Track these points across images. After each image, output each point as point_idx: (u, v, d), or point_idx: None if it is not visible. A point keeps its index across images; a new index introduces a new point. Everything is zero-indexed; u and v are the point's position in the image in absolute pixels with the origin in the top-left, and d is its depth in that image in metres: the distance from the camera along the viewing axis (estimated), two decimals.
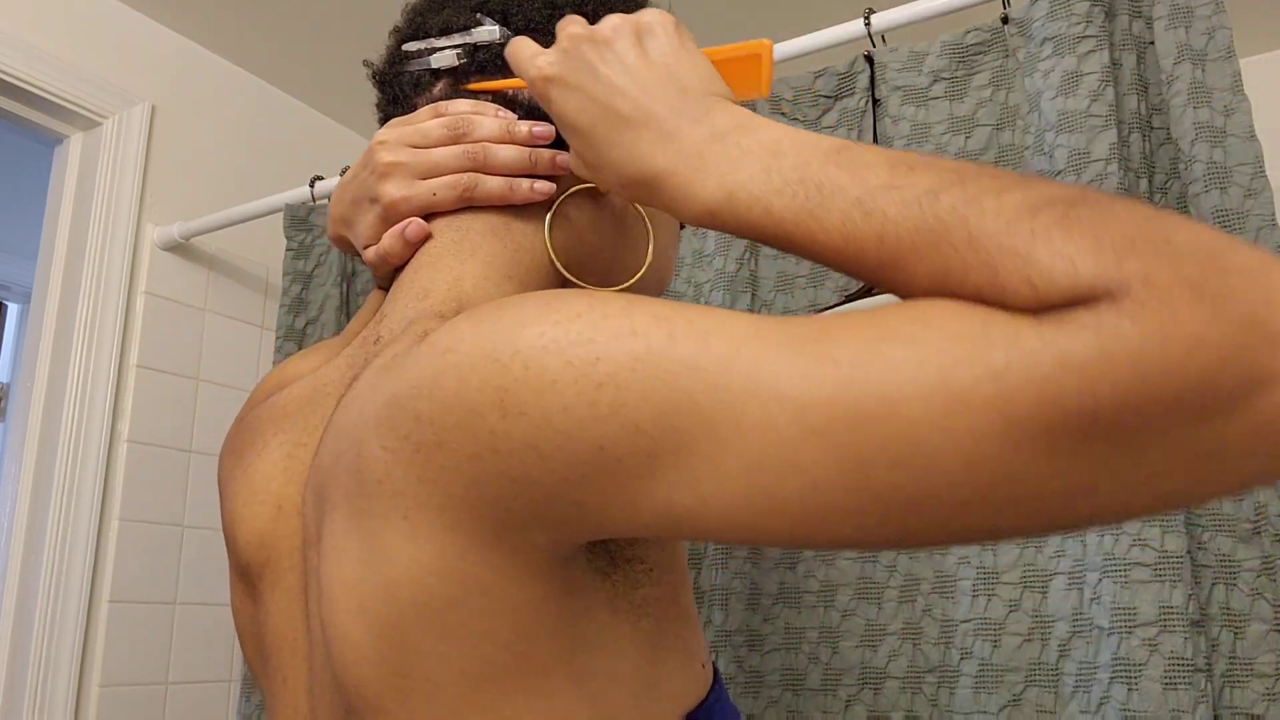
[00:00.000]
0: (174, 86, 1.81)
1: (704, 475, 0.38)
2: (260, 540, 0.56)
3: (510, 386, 0.40)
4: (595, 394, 0.39)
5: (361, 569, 0.44)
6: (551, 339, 0.40)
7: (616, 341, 0.39)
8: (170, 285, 1.74)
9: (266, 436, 0.58)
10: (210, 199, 1.82)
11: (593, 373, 0.39)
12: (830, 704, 1.08)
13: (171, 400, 1.72)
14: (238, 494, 0.58)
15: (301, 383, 0.60)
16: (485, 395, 0.40)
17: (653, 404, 0.38)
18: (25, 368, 1.64)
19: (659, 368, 0.39)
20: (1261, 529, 0.91)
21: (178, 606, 1.68)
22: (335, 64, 1.92)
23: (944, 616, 1.04)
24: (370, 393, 0.45)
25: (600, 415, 0.39)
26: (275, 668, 0.55)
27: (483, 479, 0.41)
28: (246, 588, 0.58)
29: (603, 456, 0.39)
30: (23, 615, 1.52)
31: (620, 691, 0.47)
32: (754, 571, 1.14)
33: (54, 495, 1.54)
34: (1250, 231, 0.93)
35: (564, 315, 0.41)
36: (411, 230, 0.60)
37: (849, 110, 1.21)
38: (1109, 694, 0.90)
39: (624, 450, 0.39)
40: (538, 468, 0.40)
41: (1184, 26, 1.00)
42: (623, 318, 0.40)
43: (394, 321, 0.57)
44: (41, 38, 1.62)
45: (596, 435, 0.39)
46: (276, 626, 0.55)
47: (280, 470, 0.56)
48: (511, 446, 0.40)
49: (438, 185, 0.60)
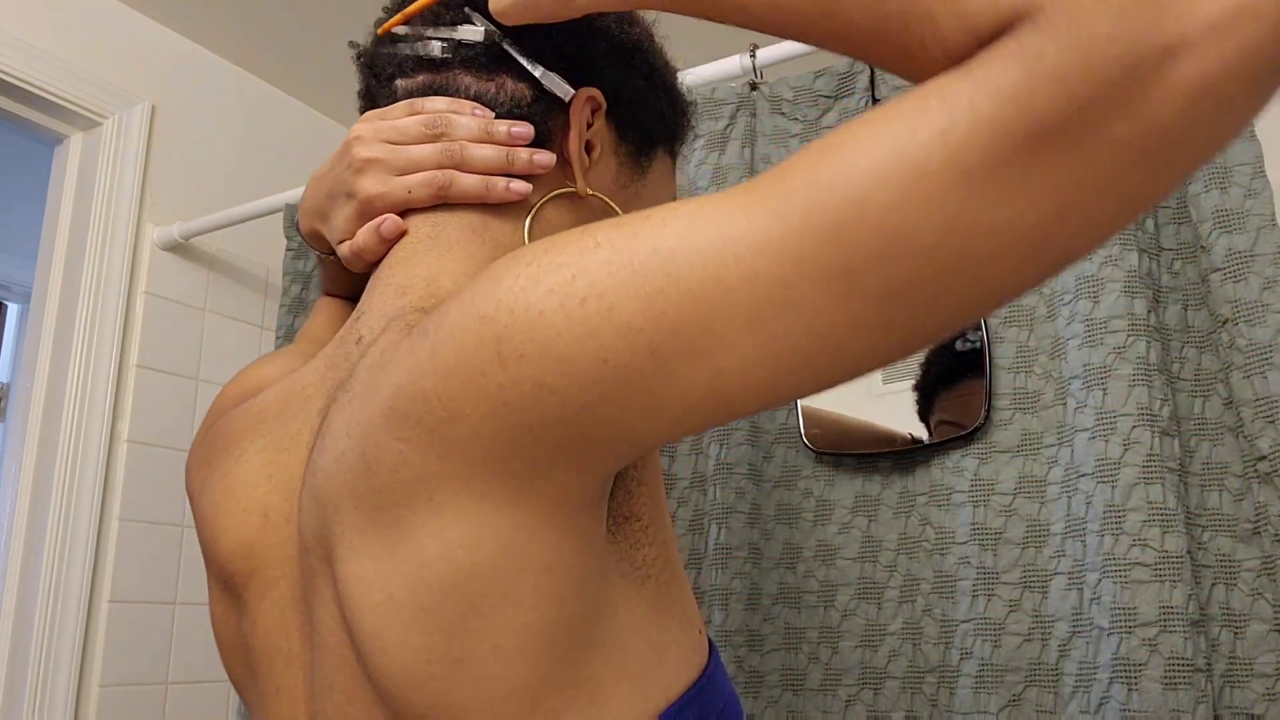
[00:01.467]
0: (174, 86, 1.81)
1: (709, 348, 0.39)
2: (246, 550, 0.55)
3: (503, 335, 0.40)
4: (581, 309, 0.39)
5: (384, 562, 0.44)
6: (528, 278, 0.41)
7: (584, 255, 0.40)
8: (170, 285, 1.74)
9: (243, 444, 0.58)
10: (210, 199, 1.82)
11: (573, 291, 0.40)
12: (830, 704, 1.08)
13: (171, 400, 1.72)
14: (217, 503, 0.57)
15: (275, 388, 0.59)
16: (483, 352, 0.41)
17: (637, 298, 0.39)
18: (25, 368, 1.64)
19: (631, 263, 0.39)
20: (1261, 529, 0.91)
21: (178, 606, 1.68)
22: (335, 64, 1.92)
23: (944, 616, 1.04)
24: (368, 391, 0.46)
25: (593, 328, 0.39)
26: (265, 678, 0.54)
27: (501, 436, 0.41)
28: (229, 598, 0.57)
29: (608, 369, 0.39)
30: (23, 615, 1.52)
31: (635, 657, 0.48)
32: (754, 572, 1.14)
33: (54, 495, 1.54)
34: (1250, 231, 0.93)
35: (532, 256, 0.42)
36: (387, 227, 0.60)
37: (849, 110, 1.21)
38: (1109, 694, 0.90)
39: (625, 355, 0.39)
40: (552, 404, 0.40)
41: None
42: (584, 236, 0.42)
43: (373, 319, 0.56)
44: (41, 38, 1.62)
45: (596, 349, 0.39)
46: (266, 636, 0.54)
47: (263, 478, 0.55)
48: (521, 393, 0.40)
49: (413, 183, 0.59)
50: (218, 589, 0.58)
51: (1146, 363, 0.94)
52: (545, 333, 0.40)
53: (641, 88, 0.66)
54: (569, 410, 0.40)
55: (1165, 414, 0.93)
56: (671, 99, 0.69)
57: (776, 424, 1.18)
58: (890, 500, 1.11)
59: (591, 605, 0.46)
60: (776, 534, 1.15)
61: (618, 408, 0.40)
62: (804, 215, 0.38)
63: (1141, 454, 0.92)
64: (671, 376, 0.39)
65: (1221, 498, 0.93)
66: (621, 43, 0.65)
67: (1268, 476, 0.90)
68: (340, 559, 0.46)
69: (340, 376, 0.55)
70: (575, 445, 0.41)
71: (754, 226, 0.38)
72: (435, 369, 0.42)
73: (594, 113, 0.63)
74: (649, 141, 0.67)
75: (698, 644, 0.52)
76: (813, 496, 1.15)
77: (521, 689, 0.44)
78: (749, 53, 1.17)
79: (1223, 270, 0.94)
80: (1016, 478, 1.03)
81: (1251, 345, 0.92)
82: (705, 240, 0.39)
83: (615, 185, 0.65)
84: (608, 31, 0.65)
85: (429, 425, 0.42)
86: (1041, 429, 1.03)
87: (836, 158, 0.38)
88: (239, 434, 0.59)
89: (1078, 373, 0.98)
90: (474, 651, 0.43)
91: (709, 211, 0.40)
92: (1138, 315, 0.95)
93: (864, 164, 0.37)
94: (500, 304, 0.41)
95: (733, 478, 1.14)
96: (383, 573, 0.44)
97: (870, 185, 0.37)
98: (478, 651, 0.43)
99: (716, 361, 0.39)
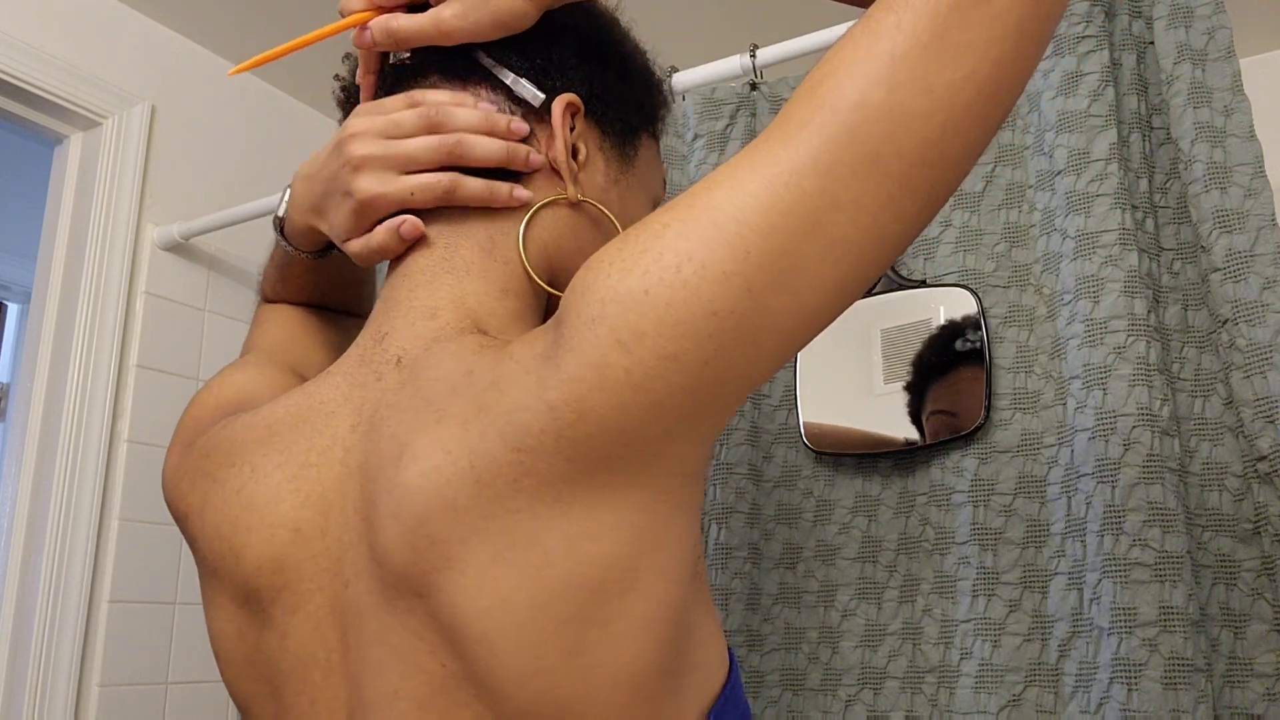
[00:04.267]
0: (174, 86, 1.81)
1: (788, 269, 0.45)
2: (275, 564, 0.54)
3: (617, 325, 0.44)
4: (680, 275, 0.44)
5: (494, 568, 0.46)
6: (620, 269, 0.45)
7: (659, 237, 0.45)
8: (170, 285, 1.74)
9: (254, 459, 0.57)
10: (210, 199, 1.82)
11: (666, 264, 0.44)
12: (830, 704, 1.08)
13: (171, 400, 1.71)
14: (236, 519, 0.56)
15: (284, 402, 0.59)
16: (602, 347, 0.44)
17: (722, 247, 0.44)
18: (25, 368, 1.64)
19: (702, 223, 0.45)
20: (1261, 529, 0.91)
21: (178, 606, 1.68)
22: (335, 64, 1.92)
23: (944, 616, 1.04)
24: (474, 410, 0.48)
25: (695, 287, 0.44)
26: (296, 691, 0.54)
27: (629, 424, 0.45)
28: (247, 613, 0.56)
29: (718, 320, 0.44)
30: (23, 615, 1.52)
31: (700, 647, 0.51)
32: (754, 572, 1.14)
33: (54, 495, 1.54)
34: (1250, 231, 0.93)
35: (614, 252, 0.46)
36: (407, 228, 0.59)
37: None
38: (1109, 694, 0.90)
39: (729, 300, 0.44)
40: (676, 371, 0.44)
41: (1184, 26, 1.00)
42: (646, 226, 0.47)
43: (406, 340, 0.56)
44: (41, 38, 1.62)
45: (704, 304, 0.44)
46: (300, 649, 0.54)
47: (288, 492, 0.55)
48: (647, 371, 0.44)
49: (415, 185, 0.59)
50: (230, 605, 0.57)
51: (1146, 363, 0.94)
52: (655, 307, 0.44)
53: (615, 80, 0.66)
54: (691, 372, 0.44)
55: (1165, 414, 0.93)
56: (645, 83, 0.69)
57: (776, 424, 1.18)
58: (890, 500, 1.10)
59: (692, 586, 0.49)
60: (776, 534, 1.15)
61: (731, 355, 0.45)
62: (822, 133, 0.45)
63: (1141, 454, 0.92)
64: (767, 309, 0.45)
65: (1221, 498, 0.93)
66: (589, 37, 0.65)
67: (1268, 476, 0.90)
68: (434, 570, 0.47)
69: (376, 396, 0.55)
70: (695, 410, 0.45)
71: (788, 158, 0.45)
72: (559, 381, 0.45)
73: (574, 116, 0.62)
74: (631, 131, 0.67)
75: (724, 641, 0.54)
76: (813, 496, 1.15)
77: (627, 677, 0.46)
78: (749, 53, 1.16)
79: (1223, 270, 0.94)
80: (1016, 478, 1.03)
81: (1251, 345, 0.92)
82: (755, 184, 0.45)
83: (607, 182, 0.64)
84: (575, 29, 0.64)
85: (554, 432, 0.45)
86: (1041, 429, 1.03)
87: (830, 82, 0.46)
88: (243, 447, 0.57)
89: (1078, 373, 0.98)
90: (587, 640, 0.46)
91: (743, 165, 0.46)
92: (1138, 315, 0.95)
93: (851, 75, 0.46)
94: (604, 302, 0.45)
95: (733, 478, 1.14)
96: (492, 580, 0.46)
97: (863, 87, 0.45)
98: (591, 639, 0.46)
99: (795, 280, 0.45)
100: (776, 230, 0.44)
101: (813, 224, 0.45)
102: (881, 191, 0.45)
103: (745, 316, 0.44)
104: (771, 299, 0.45)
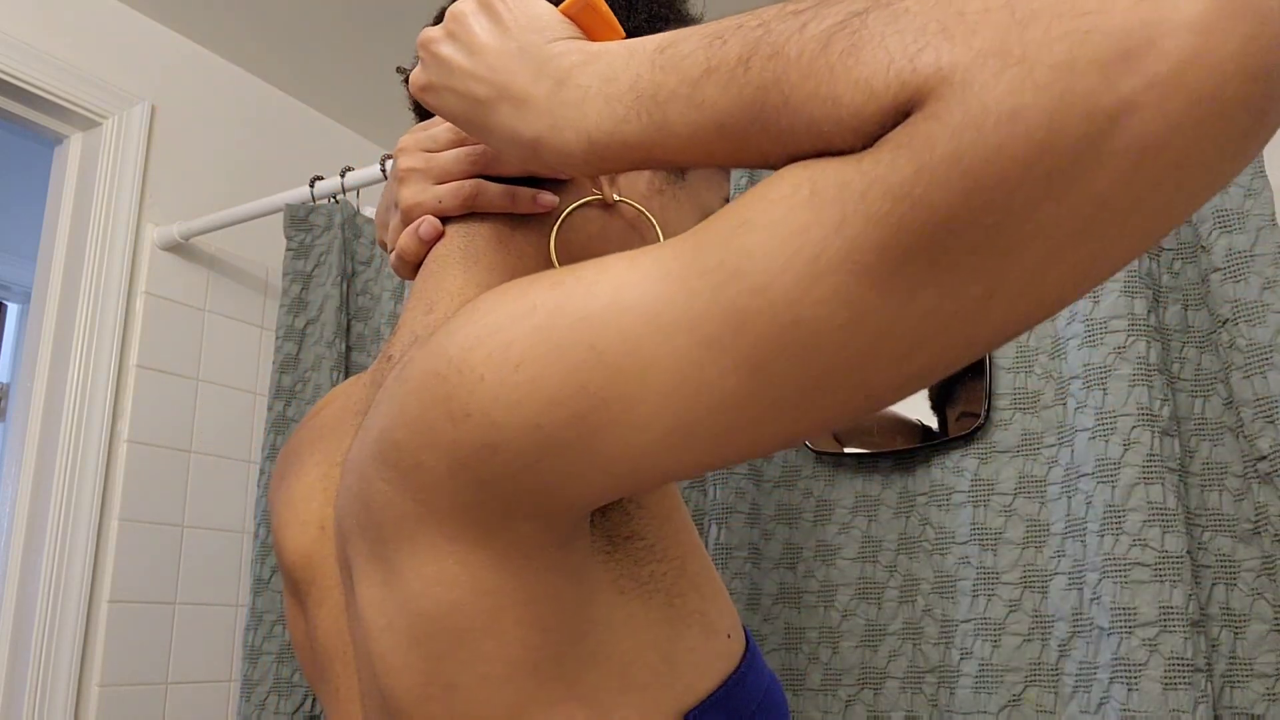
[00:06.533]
0: (174, 86, 1.81)
1: (625, 421, 0.39)
2: (306, 559, 0.58)
3: (451, 394, 0.41)
4: (514, 376, 0.39)
5: (383, 590, 0.45)
6: (474, 338, 0.41)
7: (519, 322, 0.40)
8: (170, 285, 1.74)
9: (304, 457, 0.61)
10: (210, 199, 1.82)
11: (507, 359, 0.40)
12: (830, 704, 1.08)
13: (171, 400, 1.71)
14: (281, 514, 0.60)
15: (334, 403, 0.63)
16: (436, 409, 0.41)
17: (560, 369, 0.39)
18: (25, 368, 1.64)
19: (556, 333, 0.39)
20: (1261, 529, 0.91)
21: (177, 606, 1.68)
22: (335, 64, 1.92)
23: (944, 616, 1.04)
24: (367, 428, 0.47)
25: (523, 396, 0.39)
26: (328, 679, 0.57)
27: (459, 489, 0.42)
28: (296, 603, 0.60)
29: (541, 435, 0.40)
30: (23, 615, 1.52)
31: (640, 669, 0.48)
32: (754, 572, 1.14)
33: (54, 495, 1.54)
34: (1250, 231, 0.93)
35: (481, 312, 0.42)
36: (425, 229, 0.61)
37: None
38: (1109, 694, 0.90)
39: (556, 423, 0.39)
40: (497, 463, 0.41)
41: None
42: (523, 298, 0.41)
43: (403, 335, 0.58)
44: (41, 38, 1.62)
45: (527, 416, 0.39)
46: (325, 640, 0.57)
47: (318, 490, 0.58)
48: (470, 450, 0.41)
49: (443, 192, 0.60)
50: (288, 594, 0.62)
51: (1146, 363, 0.94)
52: (484, 397, 0.40)
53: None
54: (512, 470, 0.41)
55: (1165, 414, 0.93)
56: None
57: None
58: (890, 500, 1.10)
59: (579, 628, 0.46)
60: (776, 534, 1.15)
61: (555, 472, 0.41)
62: (712, 296, 0.36)
63: (1141, 454, 0.92)
64: (601, 445, 0.39)
65: (1221, 498, 0.93)
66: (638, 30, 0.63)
67: (1268, 476, 0.90)
68: (356, 581, 0.48)
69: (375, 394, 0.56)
70: (528, 499, 0.42)
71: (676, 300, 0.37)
72: (404, 420, 0.43)
73: None
74: None
75: (724, 649, 0.52)
76: (813, 496, 1.15)
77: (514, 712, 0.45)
78: None
79: (1223, 270, 0.94)
80: (1016, 478, 1.03)
81: (1251, 345, 0.92)
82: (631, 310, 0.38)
83: (650, 189, 0.63)
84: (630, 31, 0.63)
85: (404, 470, 0.43)
86: (1041, 429, 1.03)
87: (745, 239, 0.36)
88: (303, 447, 0.62)
89: (1078, 373, 0.98)
90: (463, 679, 0.44)
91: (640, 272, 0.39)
92: (1138, 315, 0.95)
93: (767, 252, 0.35)
94: (450, 363, 0.41)
95: (733, 478, 1.14)
96: (383, 600, 0.45)
97: (772, 275, 0.35)
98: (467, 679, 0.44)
99: (632, 436, 0.39)
100: (627, 376, 0.38)
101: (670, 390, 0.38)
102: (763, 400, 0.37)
103: (569, 445, 0.40)
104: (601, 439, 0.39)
